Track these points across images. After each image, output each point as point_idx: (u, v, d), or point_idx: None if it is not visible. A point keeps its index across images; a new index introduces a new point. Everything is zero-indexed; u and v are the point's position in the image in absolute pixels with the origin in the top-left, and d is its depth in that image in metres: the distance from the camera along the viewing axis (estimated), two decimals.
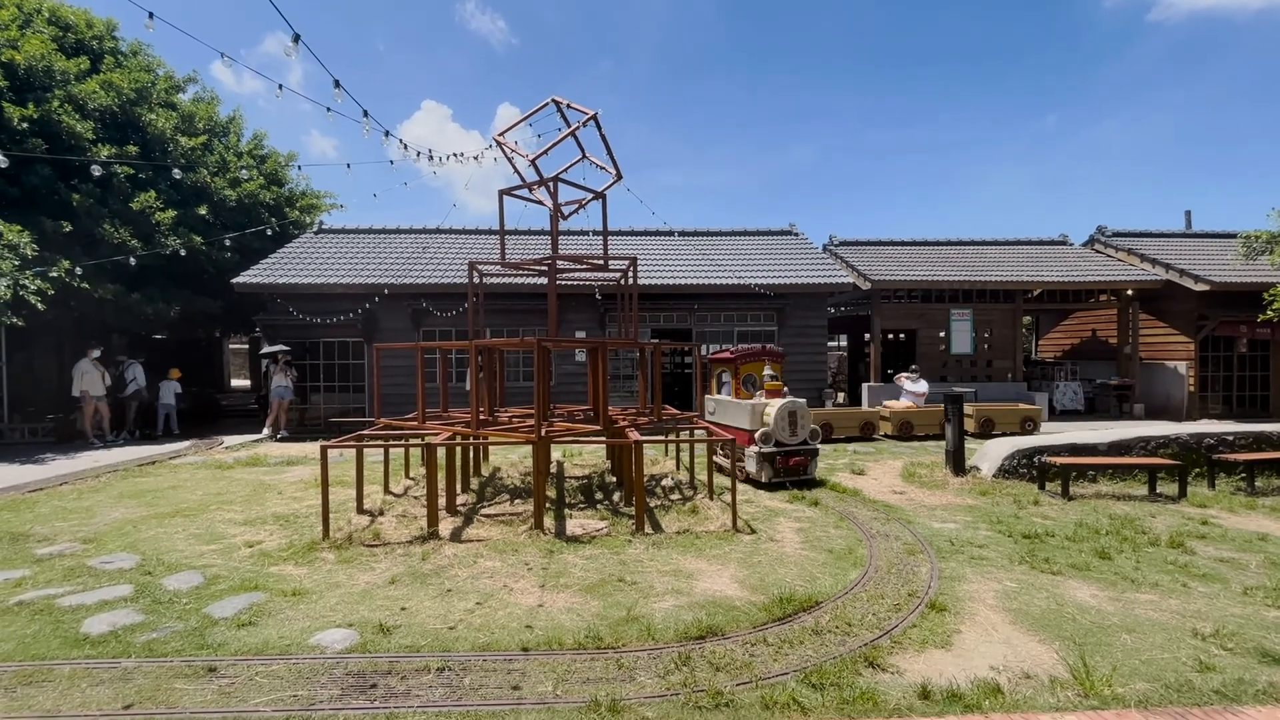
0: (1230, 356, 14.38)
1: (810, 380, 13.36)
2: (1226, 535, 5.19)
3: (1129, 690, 2.78)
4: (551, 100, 6.85)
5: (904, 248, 16.36)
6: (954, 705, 2.67)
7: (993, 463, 7.38)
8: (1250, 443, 7.56)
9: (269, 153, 15.81)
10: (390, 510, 5.89)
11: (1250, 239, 12.18)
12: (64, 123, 10.13)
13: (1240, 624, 3.46)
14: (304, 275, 12.37)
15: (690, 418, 7.22)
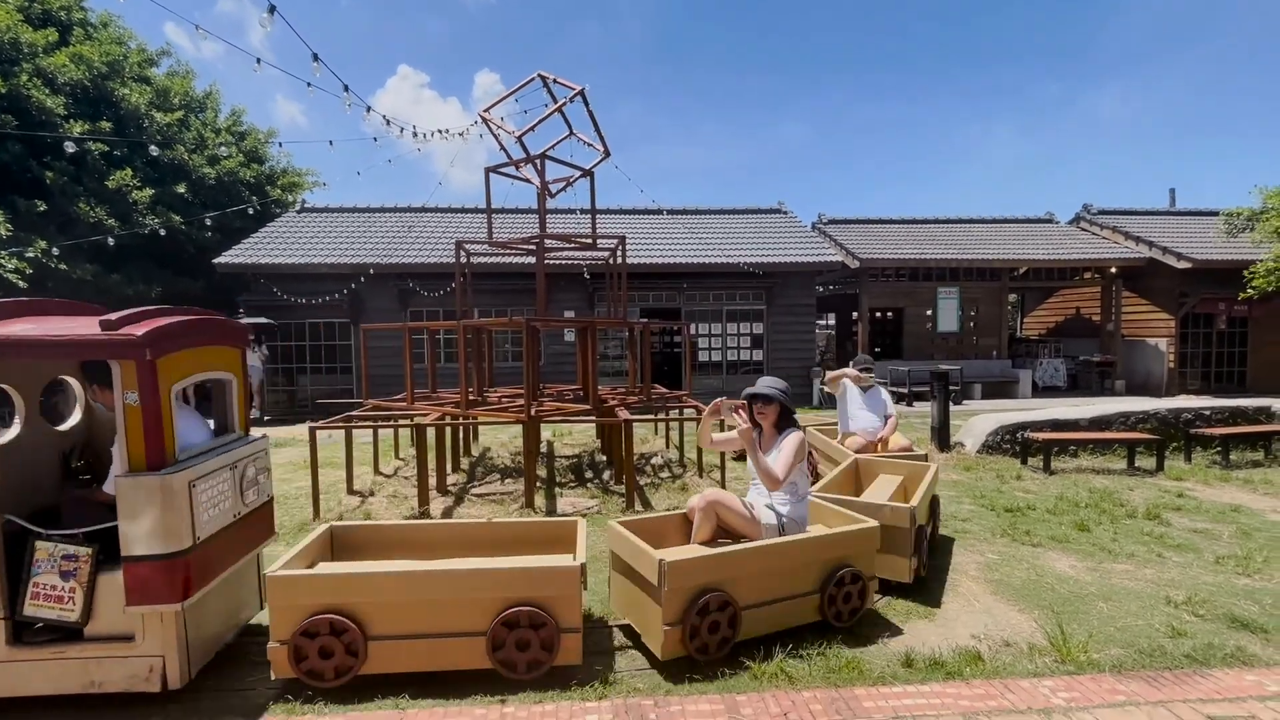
0: (1209, 333, 14.63)
1: (798, 359, 13.45)
2: (1201, 507, 5.34)
3: (1104, 656, 2.87)
4: (537, 75, 6.73)
5: (892, 226, 16.39)
6: (936, 673, 2.75)
7: (977, 438, 7.50)
8: (1226, 417, 7.74)
9: (248, 129, 15.47)
10: (381, 491, 5.90)
11: (1232, 216, 12.32)
12: (33, 97, 9.81)
13: (1211, 591, 3.58)
14: (287, 255, 12.18)
15: (679, 396, 7.25)
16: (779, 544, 3.02)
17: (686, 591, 2.74)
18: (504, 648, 2.63)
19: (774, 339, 13.41)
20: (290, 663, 2.54)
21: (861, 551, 3.18)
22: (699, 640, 2.75)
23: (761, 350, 13.45)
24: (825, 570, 3.08)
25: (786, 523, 3.25)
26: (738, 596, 2.83)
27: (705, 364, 13.41)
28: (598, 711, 2.46)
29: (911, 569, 3.47)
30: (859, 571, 3.10)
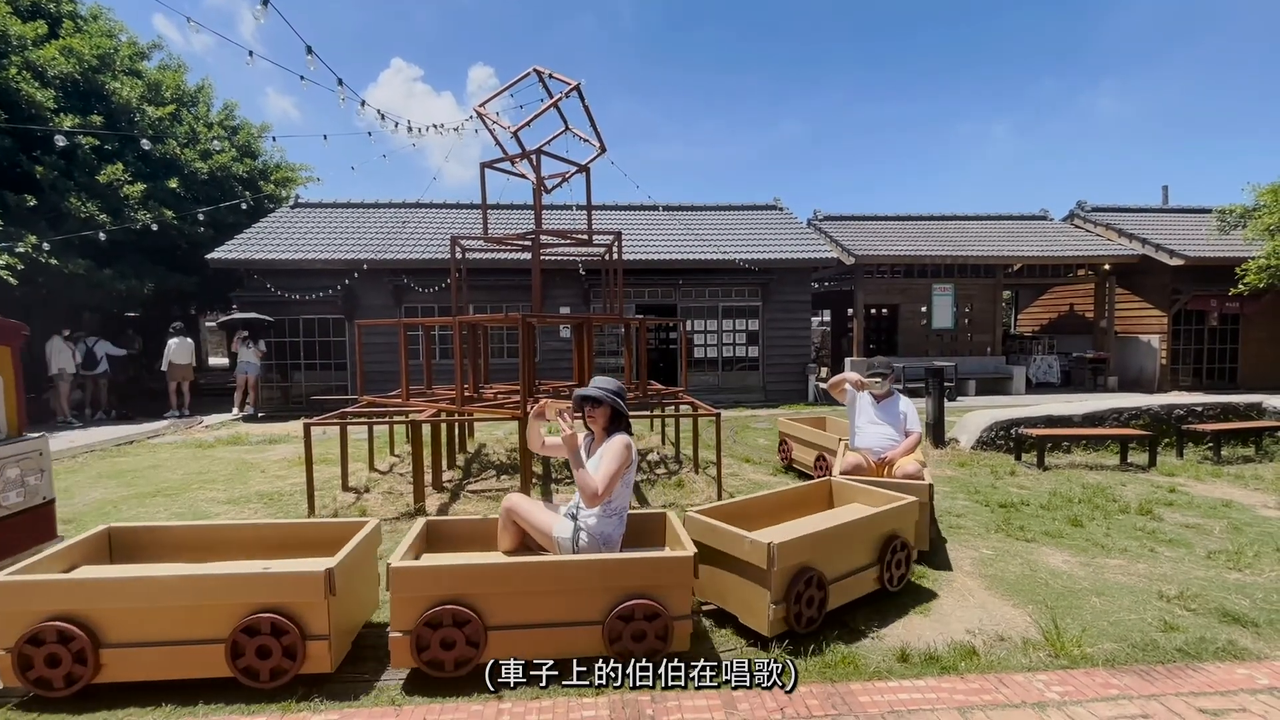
0: (1201, 330, 14.73)
1: (794, 356, 13.47)
2: (1193, 502, 5.38)
3: (1097, 650, 2.90)
4: (533, 70, 6.70)
5: (888, 223, 16.41)
6: (931, 667, 2.76)
7: (971, 435, 7.53)
8: (1218, 413, 7.79)
9: (241, 123, 15.35)
10: (376, 487, 5.88)
11: (1224, 213, 12.40)
12: (23, 91, 9.69)
13: (1203, 586, 3.61)
14: (281, 251, 12.10)
15: (675, 393, 7.25)
16: (528, 565, 2.75)
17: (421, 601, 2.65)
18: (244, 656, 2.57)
19: (769, 335, 13.42)
20: None
21: (666, 583, 2.76)
22: None
23: (757, 346, 13.46)
24: (613, 598, 2.71)
25: (585, 540, 2.94)
26: (487, 614, 2.65)
27: (701, 360, 13.41)
28: (595, 708, 2.47)
29: (770, 620, 2.86)
30: (659, 609, 2.69)
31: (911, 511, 3.52)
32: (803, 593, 2.91)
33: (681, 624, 2.72)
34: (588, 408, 3.18)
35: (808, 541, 2.97)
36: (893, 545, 3.36)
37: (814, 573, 2.96)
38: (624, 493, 3.09)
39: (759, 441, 8.45)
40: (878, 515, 3.36)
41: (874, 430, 4.70)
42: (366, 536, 3.05)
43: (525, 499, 3.15)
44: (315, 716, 2.42)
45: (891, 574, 3.37)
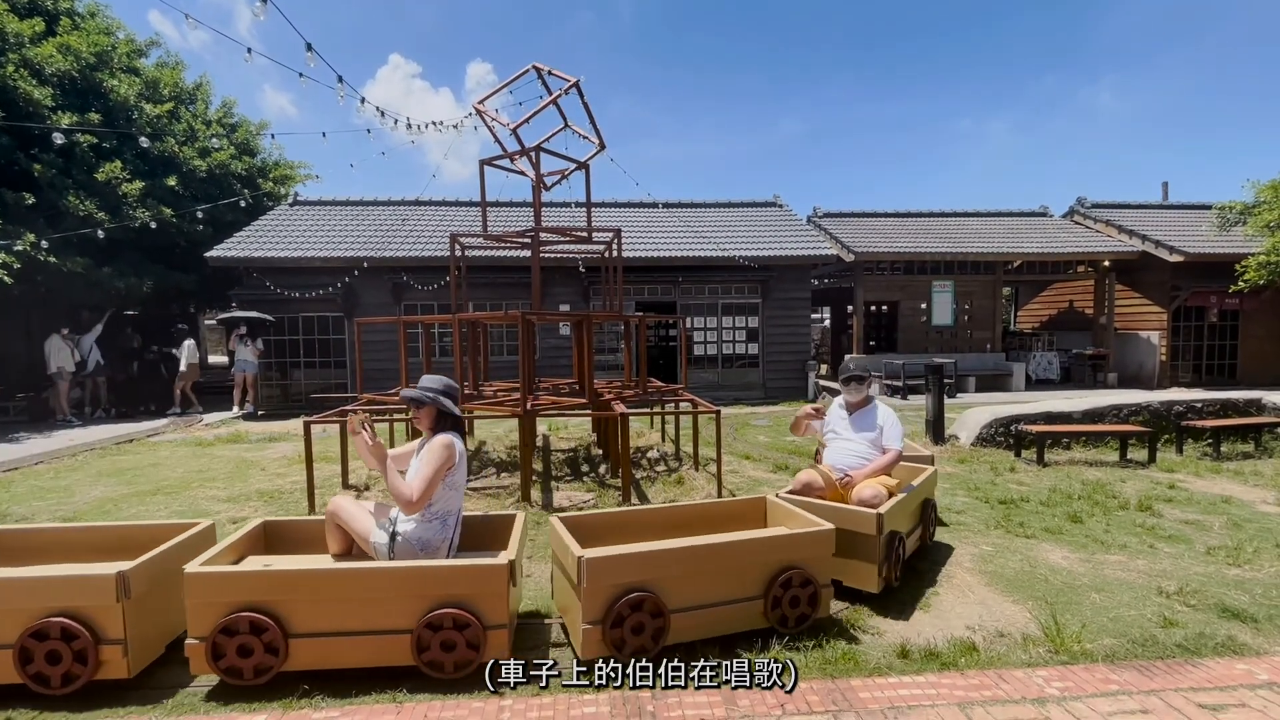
0: (1201, 326, 14.73)
1: (794, 353, 13.46)
2: (1192, 498, 5.39)
3: (1097, 646, 2.90)
4: (532, 66, 6.68)
5: (888, 219, 16.39)
6: (931, 664, 2.77)
7: (971, 431, 7.54)
8: (1217, 410, 7.80)
9: (239, 121, 15.30)
10: (376, 485, 5.88)
11: (1224, 210, 12.39)
12: (20, 89, 9.66)
13: (1202, 582, 3.62)
14: (280, 248, 12.09)
15: (675, 390, 7.25)
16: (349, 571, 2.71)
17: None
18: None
19: (769, 332, 13.41)
20: None
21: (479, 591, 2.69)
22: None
23: (757, 344, 13.45)
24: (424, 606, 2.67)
25: (400, 544, 2.84)
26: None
27: (701, 358, 13.41)
28: (596, 704, 2.47)
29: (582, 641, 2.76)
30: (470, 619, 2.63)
31: (817, 542, 3.08)
32: (627, 616, 2.71)
33: (496, 633, 2.65)
34: (413, 410, 3.08)
35: (637, 560, 2.77)
36: (787, 579, 2.95)
37: (647, 596, 2.73)
38: (449, 495, 2.96)
39: (759, 439, 8.45)
40: (762, 541, 3.06)
41: (840, 445, 3.98)
42: (188, 539, 3.02)
43: (349, 502, 3.01)
44: (316, 714, 2.42)
45: (785, 613, 2.97)
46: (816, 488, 3.78)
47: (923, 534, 4.04)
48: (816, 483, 3.80)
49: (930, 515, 4.12)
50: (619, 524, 3.52)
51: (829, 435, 4.10)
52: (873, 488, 3.56)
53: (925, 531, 4.07)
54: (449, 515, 2.97)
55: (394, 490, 2.83)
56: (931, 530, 4.16)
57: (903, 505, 3.62)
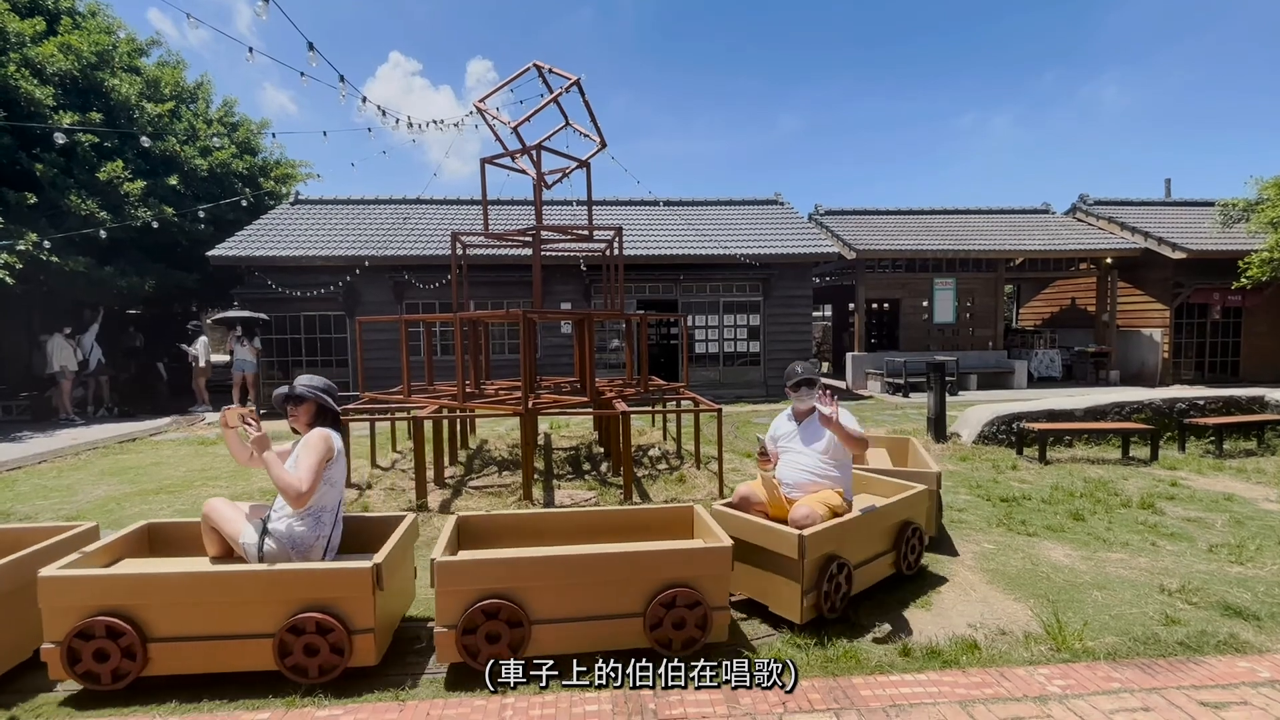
0: (1203, 323, 14.70)
1: (795, 351, 13.45)
2: (1194, 496, 5.38)
3: (1099, 644, 2.90)
4: (533, 65, 6.67)
5: (889, 217, 16.36)
6: (933, 661, 2.77)
7: (973, 429, 7.53)
8: (1220, 407, 7.79)
9: (240, 120, 15.30)
10: (378, 484, 5.89)
11: (1227, 207, 12.35)
12: (22, 88, 9.67)
13: (1205, 580, 3.61)
14: (281, 247, 12.10)
15: (677, 388, 7.25)
16: None
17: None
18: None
19: (770, 330, 13.41)
20: None
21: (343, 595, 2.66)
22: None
23: (758, 342, 13.45)
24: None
25: (269, 545, 2.77)
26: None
27: (702, 356, 13.40)
28: (598, 702, 2.48)
29: None
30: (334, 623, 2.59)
31: (709, 560, 2.82)
32: (481, 624, 2.65)
33: (363, 638, 2.61)
34: (290, 406, 3.01)
35: (496, 567, 2.70)
36: (670, 598, 2.74)
37: (504, 604, 2.66)
38: (325, 492, 2.88)
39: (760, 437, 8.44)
40: (640, 554, 2.81)
41: (787, 460, 3.58)
42: (65, 540, 2.99)
43: (223, 503, 2.93)
44: (320, 711, 2.43)
45: (669, 635, 2.76)
46: (755, 502, 3.44)
47: (897, 561, 3.53)
48: (755, 496, 3.46)
49: (913, 541, 3.61)
50: (526, 527, 3.42)
51: (780, 448, 3.67)
52: (807, 506, 3.20)
53: (901, 559, 3.54)
54: (323, 513, 2.88)
55: (281, 483, 2.74)
56: (914, 558, 3.63)
57: (856, 528, 3.24)
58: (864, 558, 3.26)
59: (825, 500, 3.31)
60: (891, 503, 3.53)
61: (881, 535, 3.24)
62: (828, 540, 3.05)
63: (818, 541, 2.99)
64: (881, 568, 3.44)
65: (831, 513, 3.26)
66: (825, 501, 3.30)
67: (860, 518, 3.30)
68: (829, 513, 3.24)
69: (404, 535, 3.07)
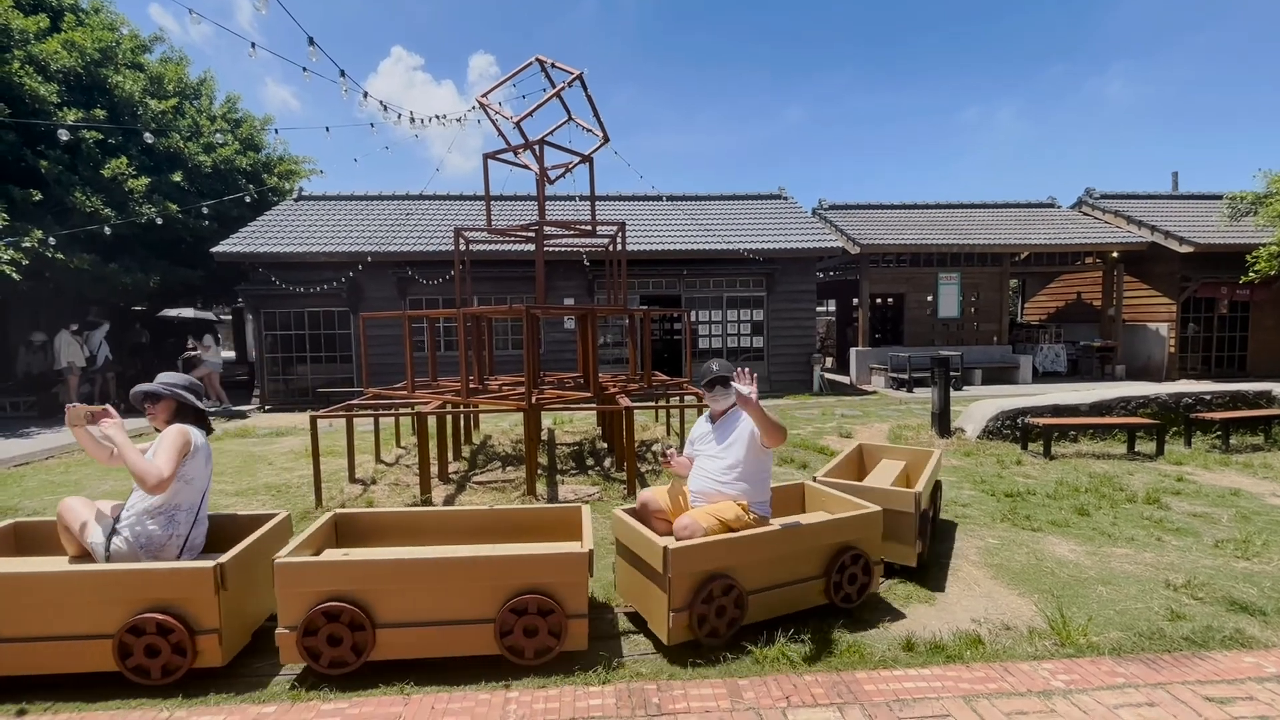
0: (1210, 317, 14.61)
1: (799, 346, 13.43)
2: (1200, 491, 5.35)
3: (1103, 639, 2.89)
4: (535, 59, 6.65)
5: (893, 211, 16.29)
6: (936, 656, 2.77)
7: (977, 424, 7.50)
8: (1226, 402, 7.74)
9: (243, 116, 15.31)
10: (382, 479, 5.91)
11: (1235, 200, 12.25)
12: (26, 85, 9.69)
13: (1211, 575, 3.60)
14: (285, 244, 12.12)
15: (680, 383, 7.25)
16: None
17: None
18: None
19: (774, 326, 13.39)
20: None
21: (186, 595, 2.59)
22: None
23: (762, 337, 13.43)
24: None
25: (120, 546, 2.71)
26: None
27: (706, 351, 13.39)
28: (601, 696, 2.48)
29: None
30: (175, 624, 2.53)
31: (562, 565, 2.69)
32: (321, 626, 2.58)
33: (206, 638, 2.56)
34: (148, 405, 2.95)
35: (337, 569, 2.63)
36: (522, 604, 2.64)
37: (345, 608, 2.58)
38: (182, 490, 2.80)
39: None
40: (491, 560, 2.70)
41: (697, 466, 3.30)
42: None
43: (77, 501, 2.86)
44: (325, 705, 2.44)
45: (520, 642, 2.65)
46: (653, 508, 3.23)
47: (828, 589, 3.07)
48: (653, 503, 3.24)
49: (852, 570, 3.12)
50: (410, 526, 3.38)
51: (695, 451, 3.37)
52: (691, 516, 2.98)
53: (835, 587, 3.08)
54: (178, 511, 2.80)
55: (137, 469, 2.64)
56: (855, 589, 3.13)
57: (753, 546, 2.90)
58: (770, 582, 2.89)
59: (718, 512, 3.01)
60: (817, 522, 3.12)
61: (805, 558, 2.91)
62: (707, 557, 2.79)
63: (691, 557, 2.75)
64: (807, 594, 3.06)
65: (724, 526, 2.97)
66: (718, 514, 3.00)
67: (756, 535, 2.92)
68: (720, 526, 2.95)
69: (266, 534, 3.00)
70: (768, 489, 3.23)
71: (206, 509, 3.00)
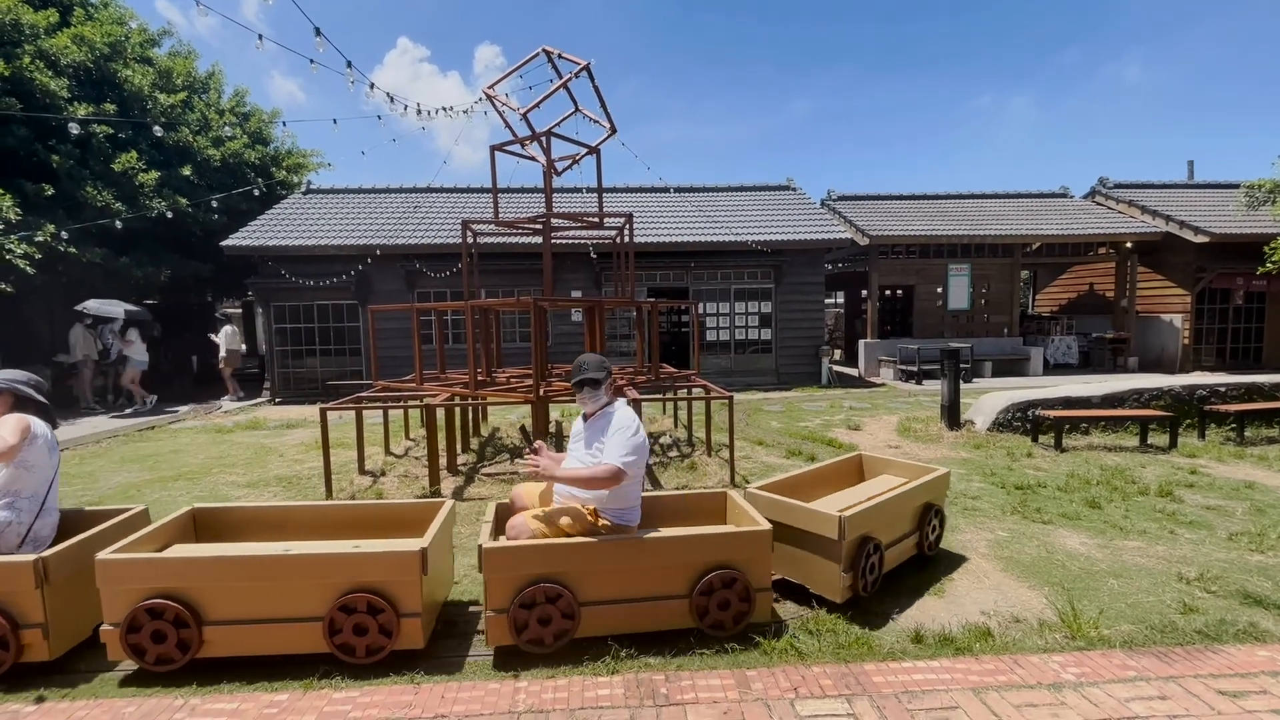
0: (1225, 309, 14.40)
1: (807, 338, 13.37)
2: (1214, 484, 5.30)
3: (1114, 632, 2.87)
4: (542, 50, 6.62)
5: (903, 202, 16.14)
6: (946, 649, 2.76)
7: (987, 416, 7.45)
8: (1241, 394, 7.64)
9: (252, 110, 15.35)
10: (392, 471, 5.95)
11: (1253, 189, 12.04)
12: (37, 80, 9.76)
13: (1224, 568, 3.56)
14: (294, 237, 12.17)
15: (688, 376, 7.24)
16: None
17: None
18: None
19: (782, 318, 13.32)
20: None
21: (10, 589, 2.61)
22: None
23: (770, 329, 13.37)
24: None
25: None
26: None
27: (713, 343, 13.36)
28: (610, 686, 2.50)
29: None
30: None
31: (393, 565, 2.65)
32: (145, 624, 2.60)
33: (30, 632, 2.57)
34: None
35: (160, 567, 2.65)
36: (351, 603, 2.62)
37: (169, 605, 2.58)
38: (22, 477, 2.84)
39: (772, 424, 8.43)
40: (317, 558, 2.67)
41: (563, 466, 3.08)
42: None
43: None
44: (336, 693, 2.47)
45: (350, 640, 2.64)
46: (519, 505, 3.19)
47: (691, 610, 2.81)
48: (520, 501, 3.20)
49: (735, 589, 2.82)
50: (268, 520, 3.35)
51: (569, 450, 3.26)
52: (523, 517, 2.91)
53: (700, 611, 2.81)
54: (17, 498, 2.82)
55: None
56: (732, 614, 2.83)
57: (587, 554, 2.76)
58: (618, 595, 2.77)
59: (554, 516, 2.91)
60: (673, 537, 2.88)
61: (663, 574, 2.80)
62: (530, 560, 2.71)
63: (510, 558, 2.69)
64: (666, 614, 2.83)
65: (557, 531, 2.86)
66: (552, 519, 2.90)
67: (593, 544, 2.78)
68: (553, 530, 2.86)
69: (109, 529, 2.98)
70: (631, 498, 2.99)
71: (55, 502, 3.00)
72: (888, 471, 4.20)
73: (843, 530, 2.96)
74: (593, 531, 2.88)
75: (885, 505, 3.30)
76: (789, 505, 3.22)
